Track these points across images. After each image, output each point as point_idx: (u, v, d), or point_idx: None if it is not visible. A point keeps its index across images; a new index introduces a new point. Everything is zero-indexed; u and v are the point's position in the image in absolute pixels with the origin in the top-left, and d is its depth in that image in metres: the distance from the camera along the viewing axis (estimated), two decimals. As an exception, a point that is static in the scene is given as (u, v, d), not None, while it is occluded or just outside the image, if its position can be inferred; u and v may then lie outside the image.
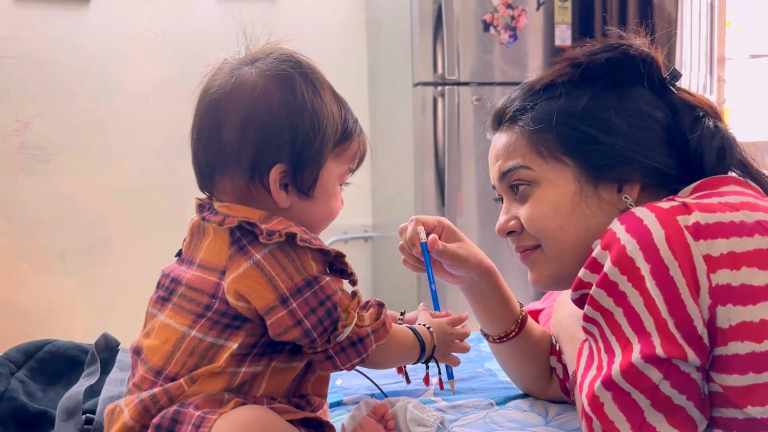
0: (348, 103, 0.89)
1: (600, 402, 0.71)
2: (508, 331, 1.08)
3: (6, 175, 2.77)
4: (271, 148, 0.80)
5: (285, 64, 0.82)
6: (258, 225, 0.77)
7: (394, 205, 2.91)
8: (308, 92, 0.81)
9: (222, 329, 0.78)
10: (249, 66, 0.83)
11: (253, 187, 0.81)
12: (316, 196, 0.83)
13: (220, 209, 0.80)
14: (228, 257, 0.77)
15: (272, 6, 3.00)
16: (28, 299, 2.83)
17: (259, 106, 0.80)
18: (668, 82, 0.89)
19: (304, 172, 0.81)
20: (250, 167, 0.80)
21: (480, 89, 2.56)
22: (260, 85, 0.80)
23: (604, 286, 0.72)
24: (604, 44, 0.89)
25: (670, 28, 2.56)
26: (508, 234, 0.94)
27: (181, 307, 0.80)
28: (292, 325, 0.76)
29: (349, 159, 0.88)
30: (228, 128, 0.80)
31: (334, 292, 0.79)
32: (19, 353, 1.04)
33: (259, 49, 0.85)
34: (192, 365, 0.77)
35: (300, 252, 0.77)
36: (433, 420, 0.87)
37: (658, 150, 0.85)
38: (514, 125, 0.92)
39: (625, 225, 0.73)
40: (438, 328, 0.96)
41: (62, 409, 0.95)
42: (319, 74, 0.85)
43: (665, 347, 0.68)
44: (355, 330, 0.79)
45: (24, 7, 2.74)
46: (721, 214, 0.70)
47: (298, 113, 0.80)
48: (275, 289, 0.75)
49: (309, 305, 0.76)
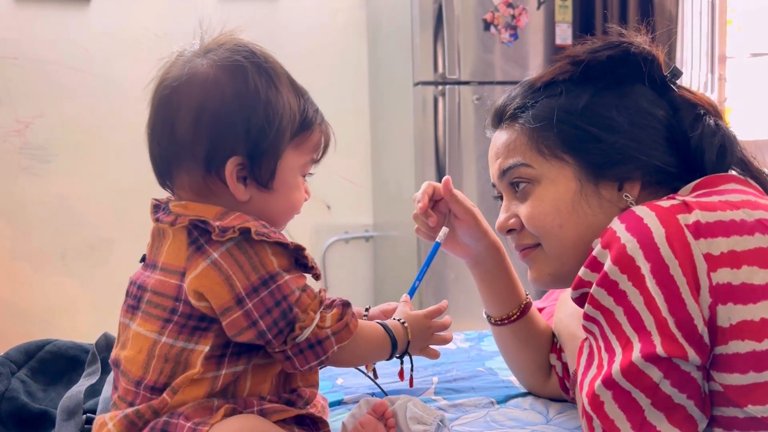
0: (307, 92, 0.87)
1: (600, 401, 0.71)
2: (510, 314, 1.08)
3: (7, 175, 2.77)
4: (225, 140, 0.78)
5: (238, 55, 0.80)
6: (210, 223, 0.75)
7: (394, 204, 2.91)
8: (262, 82, 0.79)
9: (190, 332, 0.76)
10: (201, 58, 0.80)
11: (210, 182, 0.79)
12: (276, 188, 0.81)
13: (174, 209, 0.79)
14: (186, 258, 0.76)
15: (272, 6, 3.00)
16: (29, 299, 2.83)
17: (211, 98, 0.78)
18: (669, 80, 0.89)
19: (261, 164, 0.79)
20: (205, 161, 0.78)
21: (480, 88, 2.56)
22: (212, 76, 0.78)
23: (604, 285, 0.72)
24: (605, 42, 0.89)
25: (670, 26, 2.56)
26: (508, 232, 0.94)
27: (149, 314, 0.79)
28: (247, 327, 0.74)
29: (310, 149, 0.85)
30: (181, 122, 0.78)
31: (291, 291, 0.76)
32: (19, 353, 1.04)
33: (213, 40, 0.83)
34: (169, 371, 0.76)
35: (258, 248, 0.75)
36: (432, 418, 0.87)
37: (659, 148, 0.85)
38: (515, 123, 0.92)
39: (625, 224, 0.72)
40: (413, 321, 0.93)
41: (63, 409, 0.95)
42: (274, 64, 0.83)
43: (665, 346, 0.67)
44: (315, 331, 0.77)
45: (24, 7, 2.74)
46: (722, 213, 0.70)
47: (252, 104, 0.78)
48: (231, 289, 0.73)
49: (265, 305, 0.74)
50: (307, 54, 3.03)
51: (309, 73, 3.26)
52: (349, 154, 3.13)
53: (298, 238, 3.13)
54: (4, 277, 2.81)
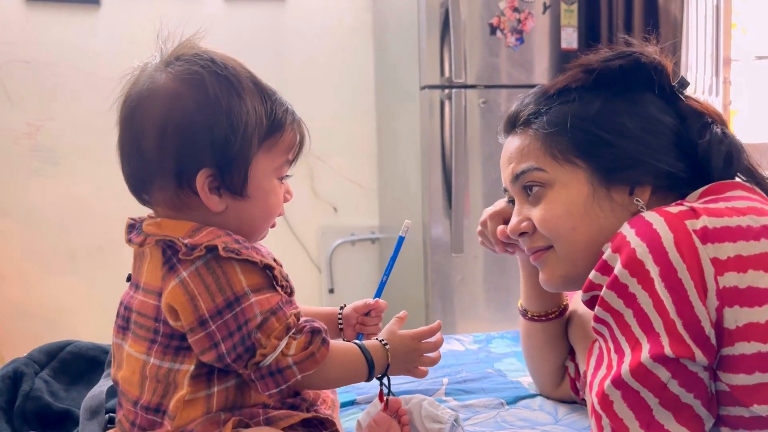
0: (277, 93, 0.85)
1: (610, 400, 0.73)
2: (548, 311, 1.10)
3: (18, 177, 2.80)
4: (192, 153, 0.77)
5: (196, 66, 0.78)
6: (176, 242, 0.74)
7: (401, 206, 2.93)
8: (223, 91, 0.78)
9: (174, 353, 0.76)
10: (162, 71, 0.79)
11: (183, 196, 0.78)
12: (252, 195, 0.80)
13: (146, 228, 0.78)
14: (161, 277, 0.75)
15: (280, 9, 3.02)
16: (38, 300, 2.85)
17: (173, 113, 0.77)
18: (677, 90, 0.92)
19: (231, 173, 0.78)
20: (176, 176, 0.77)
21: (487, 92, 2.57)
22: (172, 90, 0.77)
23: (614, 288, 0.74)
24: (617, 51, 0.91)
25: (675, 30, 2.57)
26: (520, 235, 0.95)
27: (137, 335, 0.79)
28: (209, 348, 0.74)
29: (283, 151, 0.84)
30: (147, 139, 0.77)
31: (254, 315, 0.74)
32: (42, 354, 1.06)
33: (173, 50, 0.81)
34: (161, 392, 0.76)
35: (227, 266, 0.74)
36: (447, 417, 0.89)
37: (669, 154, 0.87)
38: (528, 128, 0.94)
39: (635, 229, 0.74)
40: (398, 343, 0.88)
41: (86, 409, 0.97)
42: (234, 69, 0.81)
43: (674, 347, 0.69)
44: (277, 358, 0.75)
45: (35, 11, 2.76)
46: (728, 219, 0.72)
47: (214, 114, 0.77)
48: (195, 310, 0.73)
49: (228, 328, 0.73)
50: (313, 56, 3.06)
51: (315, 75, 3.31)
52: (355, 156, 3.16)
53: (304, 239, 3.15)
54: (14, 277, 2.84)
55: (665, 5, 2.57)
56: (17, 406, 0.96)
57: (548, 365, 1.13)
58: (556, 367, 1.13)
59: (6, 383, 0.98)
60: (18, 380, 0.99)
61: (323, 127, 3.08)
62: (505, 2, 2.56)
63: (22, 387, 0.98)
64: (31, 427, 0.95)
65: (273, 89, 0.85)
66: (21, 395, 0.97)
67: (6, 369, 1.01)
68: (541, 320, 1.11)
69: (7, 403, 0.97)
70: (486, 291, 2.67)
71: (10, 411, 0.96)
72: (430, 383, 1.26)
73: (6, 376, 0.99)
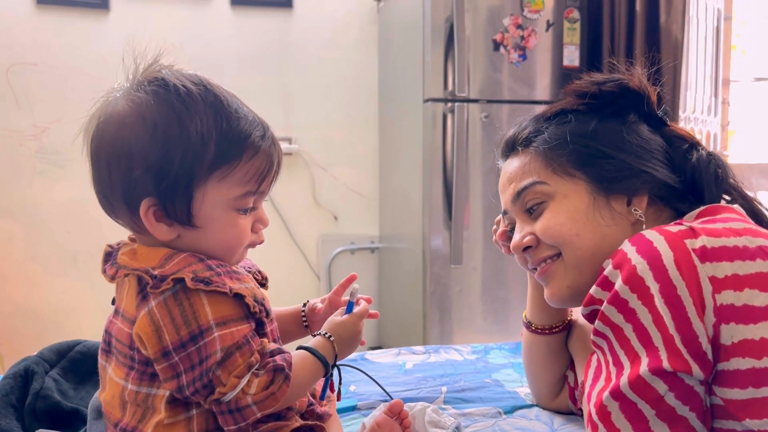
0: (248, 116, 0.80)
1: (607, 411, 0.75)
2: (553, 325, 1.12)
3: (23, 178, 2.82)
4: (132, 182, 0.76)
5: (143, 92, 0.76)
6: (144, 275, 0.74)
7: (401, 217, 2.95)
8: (161, 117, 0.75)
9: (150, 379, 0.77)
10: (122, 98, 0.78)
11: (138, 222, 0.77)
12: (202, 225, 0.78)
13: (121, 258, 0.78)
14: (136, 306, 0.76)
15: (287, 20, 3.05)
16: (41, 301, 2.87)
17: (117, 141, 0.76)
18: (661, 116, 0.97)
19: (174, 203, 0.76)
20: (125, 204, 0.77)
21: (489, 106, 2.61)
22: (120, 117, 0.76)
23: (614, 303, 0.76)
24: (606, 77, 0.97)
25: (676, 50, 2.61)
26: (524, 250, 0.97)
27: (118, 360, 0.80)
28: (170, 377, 0.74)
29: (241, 182, 0.79)
30: (101, 167, 0.78)
31: (214, 352, 0.73)
32: (52, 353, 1.08)
33: (141, 73, 0.80)
34: (140, 416, 0.77)
35: (194, 298, 0.74)
36: (449, 423, 0.92)
37: (663, 166, 0.93)
38: (528, 148, 0.98)
39: (635, 246, 0.77)
40: (343, 329, 0.89)
41: (93, 408, 0.99)
42: (186, 94, 0.77)
43: (671, 361, 0.72)
44: (238, 396, 0.74)
45: (45, 15, 2.80)
46: (726, 239, 0.75)
47: (148, 142, 0.75)
48: (160, 341, 0.73)
49: (191, 361, 0.73)
50: (318, 66, 3.09)
51: (320, 85, 3.34)
52: (357, 166, 3.19)
53: (305, 247, 3.16)
54: (17, 278, 2.86)
55: (666, 26, 2.61)
56: (28, 403, 0.98)
57: (548, 377, 1.15)
58: (555, 378, 1.15)
59: (17, 381, 1.00)
60: (29, 378, 1.01)
61: (326, 136, 3.11)
62: (509, 19, 2.60)
63: (33, 385, 1.00)
64: (41, 425, 0.97)
65: (242, 113, 0.80)
66: (32, 393, 0.99)
67: (17, 367, 1.02)
68: (544, 333, 1.13)
69: (18, 401, 0.99)
70: (484, 303, 2.69)
71: (21, 408, 0.98)
72: (428, 391, 1.28)
73: (17, 374, 1.01)
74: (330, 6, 3.10)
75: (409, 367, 1.45)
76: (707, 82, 2.89)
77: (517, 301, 2.70)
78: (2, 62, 2.76)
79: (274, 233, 2.98)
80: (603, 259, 0.83)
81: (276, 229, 3.00)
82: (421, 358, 1.53)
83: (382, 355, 1.55)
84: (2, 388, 1.00)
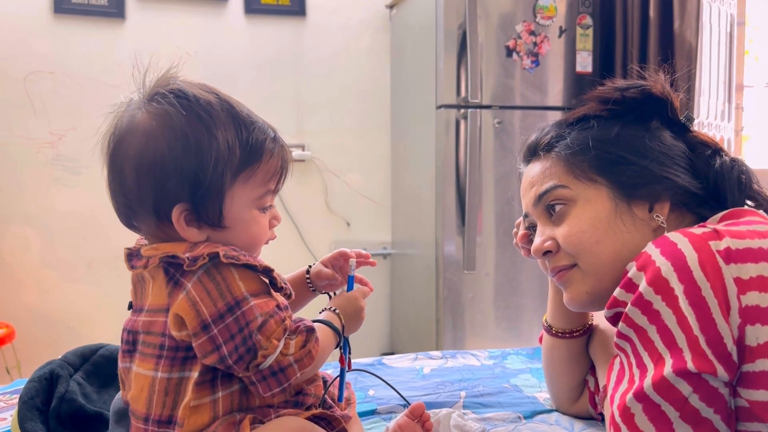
0: (258, 120, 0.85)
1: (631, 413, 0.75)
2: (573, 329, 1.12)
3: (39, 185, 2.85)
4: (166, 190, 0.79)
5: (167, 104, 0.80)
6: (180, 256, 0.77)
7: (413, 223, 2.96)
8: (190, 127, 0.79)
9: (182, 363, 0.79)
10: (140, 108, 0.81)
11: (165, 228, 0.81)
12: (230, 226, 0.82)
13: (146, 253, 0.81)
14: (168, 294, 0.78)
15: (300, 28, 3.08)
16: (55, 306, 2.89)
17: (146, 152, 0.79)
18: (684, 122, 0.98)
19: (206, 207, 0.80)
20: (154, 211, 0.80)
21: (501, 112, 2.62)
22: (146, 129, 0.80)
23: (639, 305, 0.76)
24: (630, 83, 0.98)
25: (690, 56, 2.61)
26: (544, 254, 0.98)
27: (144, 354, 0.82)
28: (211, 351, 0.77)
29: (262, 182, 0.85)
30: (126, 177, 0.80)
31: (254, 318, 0.77)
32: (76, 356, 1.09)
33: (154, 84, 0.83)
34: (171, 403, 0.79)
35: (226, 273, 0.77)
36: (475, 428, 0.92)
37: (686, 173, 0.93)
38: (550, 152, 0.98)
39: (660, 248, 0.77)
40: (348, 304, 0.95)
41: (115, 411, 0.99)
42: (208, 103, 0.81)
43: (696, 362, 0.72)
44: (278, 359, 0.78)
45: (62, 24, 2.83)
46: (750, 241, 0.75)
47: (182, 151, 0.78)
48: (198, 315, 0.76)
49: (230, 331, 0.76)
50: (331, 73, 3.11)
51: (333, 91, 3.36)
52: (370, 172, 3.20)
53: (318, 253, 3.18)
54: (32, 284, 2.88)
55: (680, 32, 2.61)
56: (53, 407, 0.99)
57: (568, 381, 1.15)
58: (576, 383, 1.15)
59: (42, 384, 1.01)
60: (54, 382, 1.02)
61: (339, 143, 3.13)
62: (521, 25, 2.61)
63: (58, 389, 1.01)
64: (65, 428, 0.98)
65: (253, 117, 0.85)
66: (56, 397, 1.00)
67: (42, 370, 1.03)
68: (565, 337, 1.13)
69: (44, 404, 1.00)
70: (497, 309, 2.69)
71: (46, 411, 0.99)
72: (447, 396, 1.28)
73: (42, 378, 1.02)
74: (343, 14, 3.13)
75: (427, 372, 1.46)
76: (721, 87, 2.89)
77: (530, 307, 2.70)
78: (20, 71, 2.80)
79: (287, 239, 2.98)
80: (623, 265, 0.83)
81: (289, 235, 3.01)
82: (439, 363, 1.53)
83: (399, 360, 1.55)
84: (27, 392, 1.01)
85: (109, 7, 2.85)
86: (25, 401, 1.00)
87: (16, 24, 2.80)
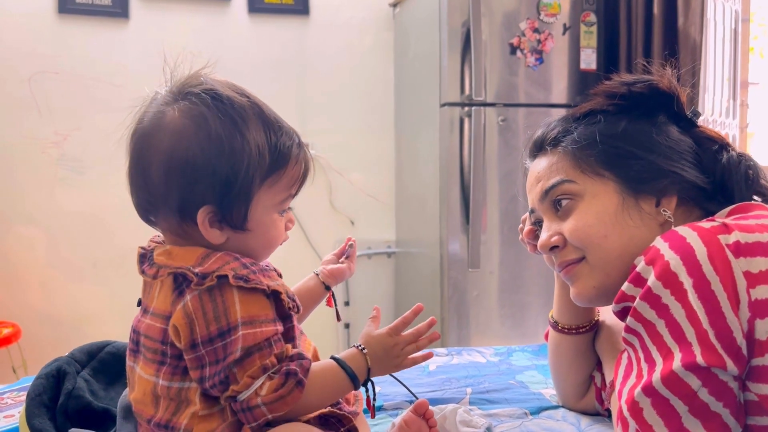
0: (285, 125, 0.85)
1: (639, 407, 0.75)
2: (579, 325, 1.12)
3: (44, 185, 2.85)
4: (194, 191, 0.79)
5: (201, 104, 0.79)
6: (188, 273, 0.77)
7: (418, 221, 2.96)
8: (225, 131, 0.78)
9: (183, 373, 0.79)
10: (170, 106, 0.80)
11: (186, 227, 0.81)
12: (252, 228, 0.82)
13: (158, 258, 0.81)
14: (171, 302, 0.78)
15: (303, 26, 3.08)
16: (61, 306, 2.90)
17: (177, 152, 0.78)
18: (691, 117, 0.97)
19: (232, 210, 0.80)
20: (179, 210, 0.80)
21: (505, 110, 2.61)
22: (178, 128, 0.79)
23: (647, 299, 0.76)
24: (636, 77, 0.97)
25: (694, 53, 2.60)
26: (550, 249, 0.98)
27: (147, 358, 0.82)
28: (195, 368, 0.77)
29: (285, 187, 0.85)
30: (153, 173, 0.80)
31: (235, 350, 0.76)
32: (83, 353, 1.09)
33: (183, 82, 0.82)
34: (173, 408, 0.79)
35: (228, 294, 0.76)
36: (481, 424, 0.92)
37: (693, 167, 0.93)
38: (556, 148, 0.98)
39: (668, 242, 0.77)
40: (376, 344, 0.88)
41: (122, 407, 1.00)
42: (240, 106, 0.81)
43: (705, 356, 0.71)
44: (249, 397, 0.76)
45: (66, 24, 2.83)
46: (759, 234, 0.75)
47: (216, 155, 0.78)
48: (191, 333, 0.76)
49: (216, 356, 0.76)
50: (335, 72, 3.11)
51: (336, 90, 3.36)
52: (374, 171, 3.20)
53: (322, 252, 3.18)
54: (37, 284, 2.88)
55: (684, 29, 2.60)
56: (60, 403, 0.99)
57: (574, 377, 1.15)
58: (582, 379, 1.15)
59: (50, 381, 1.01)
60: (61, 379, 1.02)
61: (343, 141, 3.13)
62: (525, 23, 2.61)
63: (65, 385, 1.01)
64: (73, 425, 0.98)
65: (281, 122, 0.85)
66: (64, 393, 1.00)
67: (50, 367, 1.04)
68: (571, 333, 1.13)
69: (51, 401, 1.00)
70: (501, 307, 2.69)
71: (53, 408, 0.99)
72: (453, 392, 1.28)
73: (50, 375, 1.02)
74: (346, 12, 3.12)
75: (433, 369, 1.46)
76: (725, 84, 2.88)
77: (534, 304, 2.69)
78: (24, 70, 2.80)
79: (291, 238, 2.97)
80: (630, 260, 0.83)
81: (293, 234, 3.00)
82: (444, 360, 1.53)
83: (404, 358, 1.55)
84: (35, 389, 1.01)
85: (113, 7, 2.85)
86: (32, 398, 1.00)
87: (20, 24, 2.80)
